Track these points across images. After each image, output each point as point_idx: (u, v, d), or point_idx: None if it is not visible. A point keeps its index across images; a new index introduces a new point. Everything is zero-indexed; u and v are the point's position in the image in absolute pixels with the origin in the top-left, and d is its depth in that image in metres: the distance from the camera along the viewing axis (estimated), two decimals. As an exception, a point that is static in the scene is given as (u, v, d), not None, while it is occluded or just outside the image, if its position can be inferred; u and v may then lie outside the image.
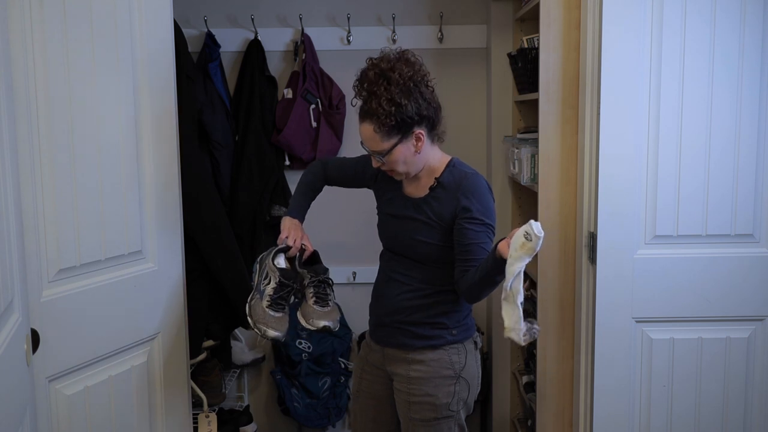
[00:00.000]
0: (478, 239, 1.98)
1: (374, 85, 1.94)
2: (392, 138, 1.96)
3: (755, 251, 2.27)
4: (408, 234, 2.08)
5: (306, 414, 3.35)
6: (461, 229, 1.99)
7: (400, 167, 2.02)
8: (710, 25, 2.19)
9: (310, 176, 2.30)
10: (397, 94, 1.92)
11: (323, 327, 2.11)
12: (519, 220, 3.29)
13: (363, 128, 1.98)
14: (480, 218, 1.99)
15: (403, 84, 1.93)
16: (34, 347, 1.75)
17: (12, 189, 1.60)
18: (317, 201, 2.35)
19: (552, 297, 2.46)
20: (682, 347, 2.30)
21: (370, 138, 1.98)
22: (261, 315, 2.11)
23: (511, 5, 3.21)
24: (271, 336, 2.10)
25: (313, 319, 2.12)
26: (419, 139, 1.99)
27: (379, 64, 1.97)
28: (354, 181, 2.29)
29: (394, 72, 1.94)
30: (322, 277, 2.17)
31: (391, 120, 1.93)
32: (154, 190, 2.21)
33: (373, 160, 2.04)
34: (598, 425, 2.33)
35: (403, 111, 1.93)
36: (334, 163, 2.33)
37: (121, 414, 2.12)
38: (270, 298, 2.12)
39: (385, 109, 1.91)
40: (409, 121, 1.95)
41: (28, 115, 1.77)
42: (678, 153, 2.23)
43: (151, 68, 2.18)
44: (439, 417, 2.07)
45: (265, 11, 3.32)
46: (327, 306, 2.15)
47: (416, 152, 2.00)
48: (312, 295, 2.15)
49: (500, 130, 3.26)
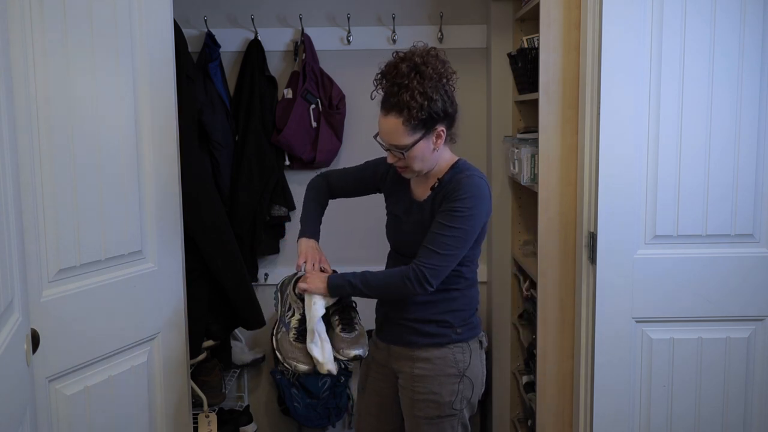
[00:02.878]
0: (436, 229, 1.97)
1: (406, 78, 1.93)
2: (417, 133, 1.95)
3: (755, 251, 2.27)
4: (411, 234, 2.08)
5: (306, 414, 3.35)
6: (435, 219, 2.00)
7: (417, 164, 2.01)
8: (710, 25, 2.19)
9: (314, 192, 2.29)
10: (429, 88, 1.92)
11: (354, 356, 2.07)
12: (519, 220, 3.30)
13: (387, 121, 1.96)
14: (451, 213, 1.97)
15: (437, 79, 1.94)
16: (34, 347, 1.75)
17: (12, 189, 1.60)
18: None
19: (552, 297, 2.46)
20: (682, 347, 2.30)
21: (393, 131, 1.96)
22: (289, 349, 2.08)
23: (511, 5, 3.21)
24: (303, 370, 2.07)
25: (343, 348, 2.08)
26: (440, 137, 1.99)
27: (412, 57, 1.96)
28: (358, 190, 2.29)
29: (427, 66, 1.94)
30: (345, 302, 2.15)
31: (422, 114, 1.92)
32: (154, 190, 2.21)
33: (390, 156, 2.02)
34: (598, 425, 2.33)
35: (432, 106, 1.93)
36: (335, 175, 2.33)
37: (121, 414, 2.12)
38: (296, 331, 2.10)
39: (418, 102, 1.91)
40: (435, 117, 1.95)
41: (28, 115, 1.77)
42: (678, 153, 2.23)
43: (151, 68, 2.18)
44: (442, 415, 2.08)
45: (265, 11, 3.32)
46: (354, 331, 2.12)
47: (434, 150, 2.00)
48: (338, 322, 2.13)
49: (500, 130, 3.26)
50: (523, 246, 3.25)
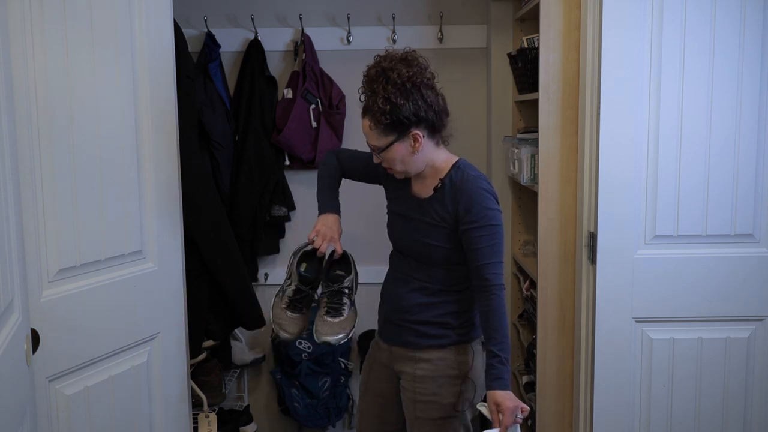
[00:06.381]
0: (482, 243, 1.99)
1: (374, 83, 1.97)
2: (388, 136, 1.97)
3: (755, 251, 2.27)
4: (413, 234, 2.08)
5: (306, 414, 3.35)
6: (466, 236, 2.01)
7: (398, 166, 2.03)
8: (710, 25, 2.19)
9: (326, 169, 2.29)
10: (393, 93, 1.93)
11: (323, 342, 2.14)
12: (519, 220, 3.30)
13: (363, 123, 2.02)
14: (481, 222, 1.99)
15: (401, 84, 1.94)
16: (34, 347, 1.75)
17: (12, 189, 1.59)
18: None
19: (552, 297, 2.46)
20: (682, 347, 2.30)
21: (367, 133, 2.01)
22: (278, 314, 2.18)
23: (511, 5, 3.21)
24: (282, 337, 2.18)
25: (319, 332, 2.15)
26: (417, 140, 1.98)
27: (381, 62, 1.98)
28: (366, 175, 2.27)
29: (393, 72, 1.94)
30: (335, 287, 2.17)
31: (385, 118, 1.94)
32: (154, 190, 2.21)
33: (374, 155, 2.06)
34: (598, 425, 2.33)
35: (398, 111, 1.93)
36: (346, 154, 2.32)
37: (121, 414, 2.12)
38: (288, 300, 2.18)
39: (380, 107, 1.93)
40: (405, 122, 1.95)
41: (28, 115, 1.77)
42: (678, 153, 2.23)
43: (151, 68, 2.18)
44: (444, 417, 2.07)
45: (265, 11, 3.32)
46: (340, 315, 2.16)
47: (413, 153, 2.00)
48: (325, 305, 2.18)
49: (500, 130, 3.26)
50: (523, 246, 3.25)
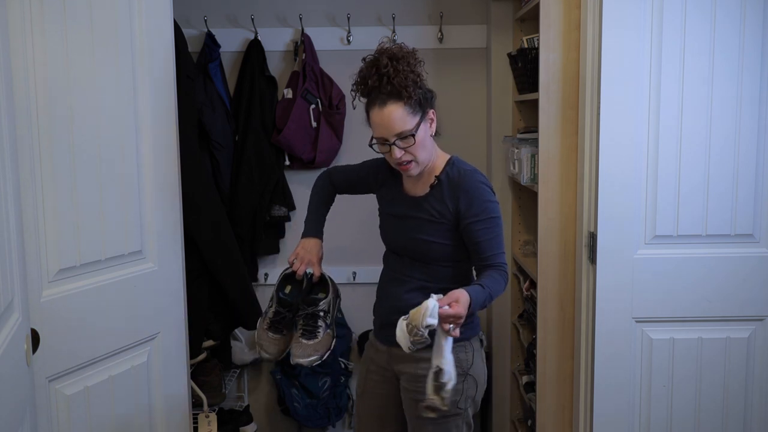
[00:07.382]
0: (485, 236, 2.02)
1: (390, 67, 1.96)
2: (417, 115, 1.99)
3: (755, 251, 2.27)
4: (410, 232, 2.08)
5: (306, 414, 3.35)
6: (467, 231, 2.03)
7: (422, 153, 2.01)
8: (710, 25, 2.19)
9: (317, 191, 2.32)
10: (414, 68, 1.99)
11: (296, 363, 2.24)
12: (519, 220, 3.30)
13: (387, 111, 1.96)
14: (482, 216, 2.02)
15: (416, 63, 2.01)
16: (34, 347, 1.75)
17: (12, 189, 1.59)
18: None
19: (552, 297, 2.47)
20: (682, 347, 2.31)
21: (397, 118, 1.96)
22: (260, 334, 2.28)
23: (511, 5, 3.21)
24: (263, 357, 2.29)
25: (293, 354, 2.24)
26: (432, 120, 2.05)
27: (386, 51, 2.00)
28: (360, 186, 2.29)
29: (403, 54, 1.99)
30: (310, 310, 2.23)
31: (417, 92, 1.98)
32: (154, 190, 2.21)
33: (395, 150, 1.99)
34: (598, 425, 2.34)
35: (422, 85, 2.01)
36: (338, 171, 2.34)
37: (121, 414, 2.12)
38: (269, 321, 2.26)
39: (412, 80, 1.97)
40: (428, 97, 2.02)
41: (28, 115, 1.77)
42: (678, 153, 2.23)
43: (151, 68, 2.18)
44: (447, 415, 2.07)
45: (265, 11, 3.32)
46: (315, 338, 2.23)
47: (432, 135, 2.06)
48: (300, 327, 2.24)
49: (500, 130, 3.26)
50: (523, 246, 3.25)
